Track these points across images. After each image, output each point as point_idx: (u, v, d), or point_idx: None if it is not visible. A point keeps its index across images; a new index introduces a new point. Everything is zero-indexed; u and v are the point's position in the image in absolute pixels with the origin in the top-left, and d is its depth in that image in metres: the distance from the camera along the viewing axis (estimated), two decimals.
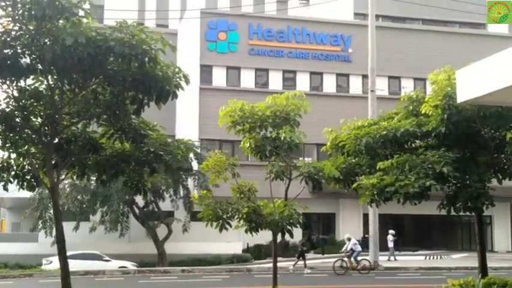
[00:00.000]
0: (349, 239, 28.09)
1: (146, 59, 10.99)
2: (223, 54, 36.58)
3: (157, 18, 39.88)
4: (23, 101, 12.16)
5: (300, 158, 25.83)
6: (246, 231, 14.32)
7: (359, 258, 27.73)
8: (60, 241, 12.22)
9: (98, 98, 12.24)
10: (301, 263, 28.45)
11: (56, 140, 12.79)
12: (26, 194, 28.70)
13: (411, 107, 15.62)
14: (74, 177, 14.00)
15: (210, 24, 36.04)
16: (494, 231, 42.43)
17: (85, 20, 10.89)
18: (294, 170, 14.48)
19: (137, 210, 32.31)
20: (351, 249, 27.53)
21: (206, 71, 36.67)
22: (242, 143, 14.28)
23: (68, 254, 28.90)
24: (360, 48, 35.29)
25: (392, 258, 34.86)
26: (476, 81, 10.49)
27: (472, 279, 14.32)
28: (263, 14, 38.62)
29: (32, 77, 11.79)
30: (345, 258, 27.13)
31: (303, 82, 37.16)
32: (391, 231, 35.81)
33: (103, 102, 12.40)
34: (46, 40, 10.90)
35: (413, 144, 15.34)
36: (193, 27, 36.05)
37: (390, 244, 35.39)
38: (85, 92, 12.19)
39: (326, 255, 35.30)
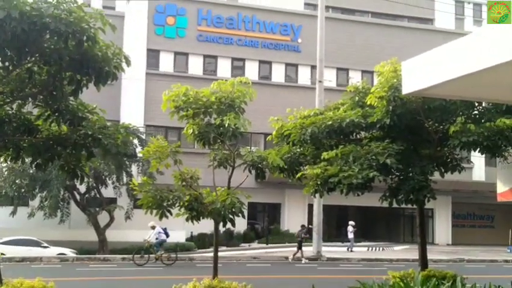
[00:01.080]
0: (153, 227, 26.44)
1: (84, 38, 10.47)
2: (171, 39, 35.97)
3: None
4: None
5: (247, 147, 25.65)
6: (187, 220, 13.97)
7: (160, 249, 26.27)
8: None
9: (33, 77, 11.63)
10: (299, 255, 28.34)
11: None
12: None
13: (357, 98, 15.57)
14: (8, 160, 13.33)
15: (158, 8, 35.36)
16: (435, 224, 43.26)
17: None
18: (238, 158, 14.22)
19: (78, 196, 31.54)
20: (157, 238, 26.21)
21: (153, 55, 36.02)
22: (185, 129, 13.90)
23: (4, 239, 27.98)
24: (310, 39, 35.24)
25: (351, 249, 35.09)
26: (421, 73, 10.41)
27: (412, 271, 14.40)
28: (213, 0, 38.13)
29: None
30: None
31: (252, 71, 36.89)
32: (351, 222, 36.00)
33: (38, 82, 11.81)
34: None
35: (358, 135, 15.31)
36: (141, 10, 35.30)
37: (350, 235, 35.61)
38: (19, 70, 11.56)
39: (270, 245, 35.29)
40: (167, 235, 26.55)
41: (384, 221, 44.48)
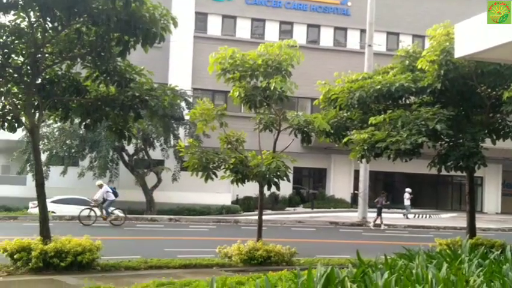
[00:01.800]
0: (100, 186, 24.79)
1: None
2: (219, 2, 35.75)
3: None
4: (4, 38, 11.61)
5: (294, 112, 25.47)
6: (232, 182, 14.07)
7: (111, 208, 24.89)
8: (39, 184, 11.88)
9: (82, 38, 11.72)
10: (379, 221, 28.36)
11: (39, 81, 12.36)
12: (16, 136, 28.35)
13: (407, 62, 15.22)
14: (57, 120, 13.55)
15: None
16: (484, 192, 42.46)
17: None
18: (284, 122, 14.15)
19: (126, 158, 32.02)
20: (103, 198, 24.44)
21: (201, 18, 35.89)
22: (232, 91, 13.89)
23: (55, 198, 28.63)
24: (360, 2, 34.51)
25: (407, 216, 34.86)
26: (475, 36, 10.05)
27: (459, 239, 14.18)
28: None
29: (12, 12, 11.23)
30: (95, 208, 24.03)
31: (300, 34, 36.44)
32: (408, 189, 35.69)
33: (87, 43, 11.90)
34: None
35: (407, 100, 15.01)
36: None
37: (407, 202, 35.36)
38: (68, 31, 11.67)
39: (315, 210, 35.30)
40: (115, 195, 25.23)
41: (432, 188, 43.89)
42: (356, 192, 33.20)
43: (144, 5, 10.92)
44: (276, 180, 13.10)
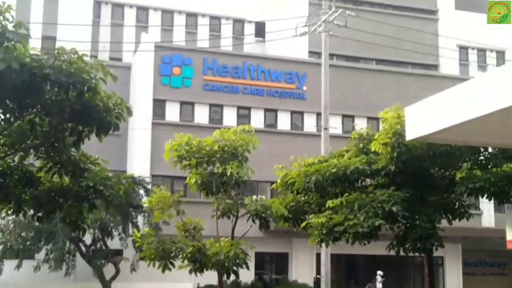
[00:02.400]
0: None
1: (85, 89, 10.47)
2: (177, 88, 36.17)
3: (111, 50, 39.34)
4: None
5: (254, 196, 25.35)
6: (190, 272, 13.78)
7: None
8: None
9: (35, 128, 11.59)
10: None
11: None
12: None
13: (361, 145, 15.48)
14: (9, 213, 13.19)
15: (164, 59, 35.68)
16: (446, 272, 42.45)
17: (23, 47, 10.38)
18: (242, 208, 14.08)
19: (84, 248, 31.19)
20: None
21: (159, 105, 36.14)
22: (188, 178, 13.85)
23: None
24: (315, 86, 35.35)
25: None
26: (425, 118, 10.29)
27: None
28: (218, 50, 38.47)
29: None
30: None
31: (257, 119, 36.93)
32: (379, 272, 35.30)
33: (40, 134, 11.76)
34: None
35: (363, 183, 15.15)
36: (147, 60, 35.60)
37: (379, 285, 34.90)
38: (20, 122, 11.56)
39: None
40: None
41: (393, 270, 43.72)
42: (318, 276, 32.82)
43: (98, 94, 10.93)
44: (235, 268, 12.88)
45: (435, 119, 9.78)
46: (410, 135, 10.73)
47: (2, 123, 11.49)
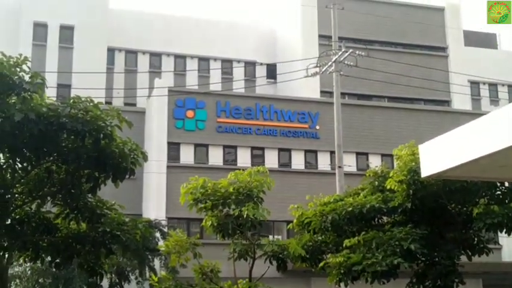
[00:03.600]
0: None
1: (101, 136, 10.65)
2: (191, 131, 36.40)
3: (125, 96, 39.84)
4: None
5: (270, 236, 25.19)
6: None
7: None
8: None
9: (52, 176, 11.77)
10: None
11: (8, 221, 12.20)
12: None
13: (376, 183, 15.43)
14: (27, 260, 13.25)
15: (177, 102, 36.03)
16: None
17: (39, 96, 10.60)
18: (259, 249, 14.04)
19: None
20: None
21: (174, 148, 36.34)
22: (204, 221, 13.86)
23: None
24: (328, 125, 35.47)
25: None
26: (440, 155, 10.29)
27: None
28: (231, 92, 38.80)
29: None
30: None
31: (271, 159, 36.98)
32: None
33: (57, 181, 11.93)
34: None
35: (379, 221, 15.05)
36: (161, 105, 35.97)
37: None
38: (37, 170, 11.74)
39: None
40: None
41: None
42: None
43: (113, 141, 11.09)
44: None
45: (450, 156, 9.79)
46: (425, 172, 10.73)
47: (20, 171, 11.65)
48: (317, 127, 38.18)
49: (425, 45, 43.84)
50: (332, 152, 34.55)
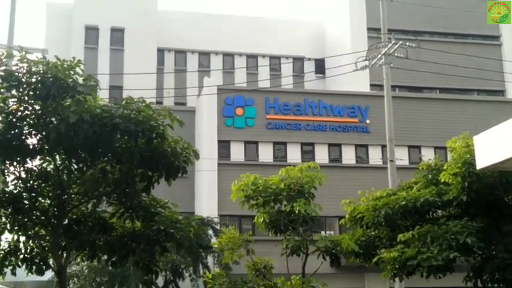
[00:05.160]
0: None
1: (154, 135, 10.79)
2: (241, 129, 36.57)
3: (175, 96, 40.34)
4: (31, 182, 11.94)
5: (322, 232, 25.11)
6: None
7: None
8: None
9: (107, 176, 11.98)
10: None
11: (65, 221, 12.49)
12: (45, 276, 28.23)
13: (430, 176, 15.21)
14: (84, 259, 13.55)
15: (226, 101, 36.25)
16: None
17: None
18: (311, 245, 14.01)
19: None
20: None
21: (224, 146, 36.59)
22: (256, 218, 13.92)
23: None
24: (378, 119, 35.08)
25: None
26: (495, 146, 10.09)
27: None
28: (279, 88, 38.82)
29: (39, 157, 11.62)
30: None
31: (321, 154, 36.82)
32: None
33: (112, 181, 12.14)
34: (53, 119, 10.81)
35: (434, 214, 14.83)
36: (211, 103, 36.27)
37: None
38: (93, 170, 11.97)
39: None
40: None
41: None
42: None
43: (166, 140, 11.22)
44: None
45: (506, 146, 9.58)
46: (480, 163, 10.55)
47: (75, 172, 11.92)
48: (367, 121, 37.81)
49: (477, 34, 42.89)
50: (383, 146, 34.16)
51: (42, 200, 12.30)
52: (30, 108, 10.77)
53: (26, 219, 12.15)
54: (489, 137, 11.01)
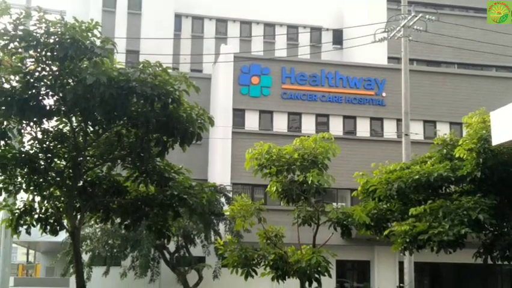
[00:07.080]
0: None
1: (169, 100, 10.80)
2: (256, 98, 36.51)
3: (192, 62, 40.24)
4: (47, 143, 12.04)
5: (334, 204, 25.17)
6: (272, 279, 13.88)
7: None
8: (80, 287, 11.89)
9: (122, 140, 12.03)
10: None
11: (80, 183, 12.62)
12: (60, 237, 28.66)
13: (445, 151, 15.14)
14: (98, 221, 13.71)
15: (243, 69, 36.15)
16: None
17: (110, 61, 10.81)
18: (323, 215, 14.05)
19: (168, 256, 31.90)
20: None
21: (239, 114, 36.58)
22: (269, 186, 13.95)
23: None
24: (395, 92, 34.88)
25: None
26: (511, 123, 10.02)
27: None
28: (296, 58, 38.60)
29: (55, 118, 11.69)
30: None
31: (336, 126, 36.73)
32: None
33: (127, 145, 12.20)
34: (70, 80, 10.84)
35: (447, 190, 14.80)
36: (227, 71, 36.19)
37: None
38: (108, 133, 12.05)
39: None
40: None
41: (480, 279, 42.35)
42: (401, 285, 32.20)
43: (181, 106, 11.24)
44: (316, 276, 12.86)
45: None
46: (496, 140, 10.49)
47: (91, 135, 11.99)
48: (383, 94, 37.58)
49: None
50: (399, 120, 34.00)
51: (58, 161, 12.43)
52: (47, 69, 10.79)
53: (41, 180, 12.30)
54: (506, 113, 10.92)
